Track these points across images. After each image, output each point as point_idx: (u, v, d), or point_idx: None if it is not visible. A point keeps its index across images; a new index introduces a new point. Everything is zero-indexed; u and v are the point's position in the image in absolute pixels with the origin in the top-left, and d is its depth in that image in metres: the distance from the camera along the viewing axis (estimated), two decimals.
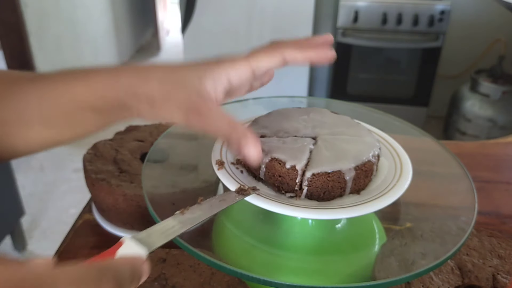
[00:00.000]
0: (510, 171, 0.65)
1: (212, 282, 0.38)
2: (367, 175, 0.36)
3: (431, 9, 1.94)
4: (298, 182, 0.35)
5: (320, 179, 0.34)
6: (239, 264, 0.39)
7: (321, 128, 0.40)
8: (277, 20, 1.97)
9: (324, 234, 0.41)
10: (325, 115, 0.43)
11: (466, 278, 0.39)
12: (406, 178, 0.37)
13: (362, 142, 0.38)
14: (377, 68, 2.19)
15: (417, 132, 0.47)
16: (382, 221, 0.45)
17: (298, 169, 0.34)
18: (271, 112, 0.43)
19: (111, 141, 0.55)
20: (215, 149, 0.40)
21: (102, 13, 2.69)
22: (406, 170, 0.38)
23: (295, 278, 0.38)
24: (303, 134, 0.39)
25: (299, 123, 0.41)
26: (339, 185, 0.35)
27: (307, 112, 0.43)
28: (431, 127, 2.32)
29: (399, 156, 0.41)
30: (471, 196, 0.37)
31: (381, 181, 0.38)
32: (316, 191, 0.35)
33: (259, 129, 0.40)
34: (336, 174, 0.34)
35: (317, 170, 0.34)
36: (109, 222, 0.50)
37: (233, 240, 0.43)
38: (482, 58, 2.17)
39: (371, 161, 0.36)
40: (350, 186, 0.35)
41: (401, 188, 0.36)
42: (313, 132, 0.40)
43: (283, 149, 0.36)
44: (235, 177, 0.36)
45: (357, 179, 0.35)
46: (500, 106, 1.93)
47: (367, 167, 0.36)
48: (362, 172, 0.35)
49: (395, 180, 0.37)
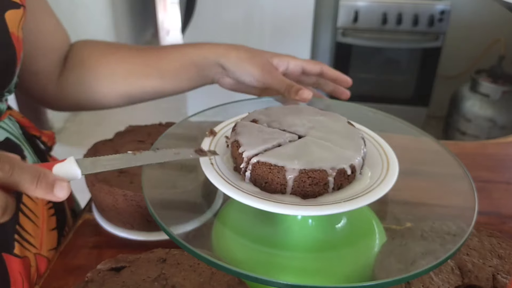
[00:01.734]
0: (510, 171, 0.65)
1: (212, 282, 0.38)
2: (317, 183, 0.35)
3: (431, 9, 1.94)
4: (243, 167, 0.37)
5: (262, 168, 0.35)
6: (239, 264, 0.39)
7: (317, 130, 0.40)
8: (277, 20, 1.97)
9: (324, 234, 0.41)
10: (336, 121, 0.42)
11: (466, 278, 0.39)
12: (355, 203, 0.34)
13: (335, 153, 0.37)
14: (377, 68, 2.19)
15: (417, 132, 0.47)
16: (382, 221, 0.45)
17: (244, 156, 0.36)
18: (290, 105, 0.46)
19: (110, 142, 0.55)
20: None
21: (102, 14, 2.69)
22: (367, 196, 0.35)
23: (295, 277, 0.38)
24: (293, 130, 0.40)
25: (300, 120, 0.41)
26: (279, 180, 0.35)
27: (321, 114, 0.43)
28: (431, 127, 2.32)
29: (388, 170, 0.38)
30: (471, 196, 0.37)
31: (338, 197, 0.35)
32: (258, 178, 0.36)
33: (259, 114, 0.43)
34: (277, 168, 0.35)
35: (263, 159, 0.35)
36: (109, 222, 0.50)
37: (232, 239, 0.43)
38: (482, 58, 2.17)
39: (326, 171, 0.35)
40: (291, 186, 0.35)
41: (337, 208, 0.33)
42: (304, 131, 0.40)
43: (250, 136, 0.39)
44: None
45: (301, 182, 0.35)
46: (500, 106, 1.93)
47: (316, 174, 0.34)
48: (307, 177, 0.34)
49: (343, 200, 0.34)
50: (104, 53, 0.59)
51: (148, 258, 0.40)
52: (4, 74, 0.46)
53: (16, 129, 0.51)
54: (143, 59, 0.58)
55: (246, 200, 0.34)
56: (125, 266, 0.40)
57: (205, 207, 0.49)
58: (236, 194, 0.34)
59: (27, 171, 0.27)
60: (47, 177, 0.28)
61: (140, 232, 0.49)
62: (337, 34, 2.05)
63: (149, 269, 0.39)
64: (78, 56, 0.60)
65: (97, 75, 0.58)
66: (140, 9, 3.39)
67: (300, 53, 2.00)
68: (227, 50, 0.56)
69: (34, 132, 0.56)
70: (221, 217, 0.46)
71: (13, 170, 0.27)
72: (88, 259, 0.47)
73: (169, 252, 0.41)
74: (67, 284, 0.44)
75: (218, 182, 0.36)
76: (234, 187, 0.35)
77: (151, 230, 0.49)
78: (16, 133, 0.50)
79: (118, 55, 0.59)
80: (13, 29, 0.45)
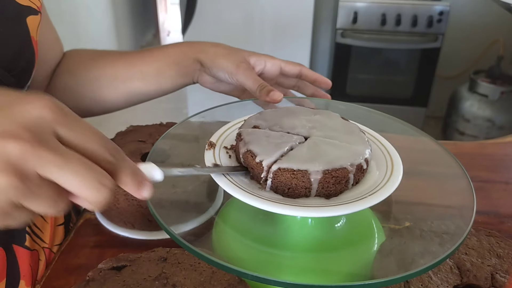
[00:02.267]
0: (509, 171, 0.65)
1: (213, 281, 0.38)
2: (339, 182, 0.35)
3: (430, 10, 1.95)
4: (263, 176, 0.36)
5: (284, 174, 0.35)
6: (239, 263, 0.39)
7: (318, 129, 0.40)
8: (277, 21, 1.97)
9: (323, 233, 0.42)
10: (332, 119, 0.43)
11: (465, 277, 0.40)
12: (381, 194, 0.35)
13: (347, 149, 0.37)
14: (376, 69, 2.19)
15: (416, 132, 0.47)
16: (381, 221, 0.45)
17: (264, 165, 0.36)
18: (282, 107, 0.45)
19: None
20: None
21: (103, 14, 2.69)
22: (388, 187, 0.36)
23: (295, 276, 0.39)
24: (296, 132, 0.40)
25: (299, 121, 0.41)
26: (303, 184, 0.35)
27: (315, 113, 0.43)
28: (430, 127, 2.33)
29: (392, 169, 0.39)
30: (470, 196, 0.38)
31: (358, 192, 0.36)
32: (280, 185, 0.35)
33: (257, 119, 0.42)
34: (301, 173, 0.35)
35: (284, 166, 0.35)
36: (110, 222, 0.50)
37: (233, 239, 0.43)
38: (481, 58, 2.18)
39: (346, 169, 0.35)
40: (316, 188, 0.35)
41: (365, 203, 0.34)
42: (307, 132, 0.40)
43: (261, 143, 0.38)
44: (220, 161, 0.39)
45: (325, 183, 0.35)
46: (499, 106, 1.94)
47: (338, 173, 0.35)
48: (331, 177, 0.35)
49: (368, 194, 0.35)
50: (91, 59, 0.59)
51: (149, 257, 0.41)
52: (24, 75, 0.47)
53: None
54: (127, 63, 0.58)
55: (286, 211, 0.32)
56: (126, 265, 0.40)
57: (206, 207, 0.49)
58: (273, 207, 0.33)
59: (129, 163, 0.27)
60: (141, 175, 0.28)
61: (141, 232, 0.49)
62: (336, 35, 2.05)
63: (150, 268, 0.39)
64: (67, 64, 0.60)
65: (83, 82, 0.58)
66: (141, 10, 3.39)
67: (299, 53, 2.01)
68: (206, 47, 0.56)
69: None
70: (222, 216, 0.46)
71: (119, 159, 0.26)
72: (89, 258, 0.47)
73: (169, 251, 0.41)
74: (68, 283, 0.44)
75: (248, 199, 0.34)
76: (269, 201, 0.33)
77: (152, 229, 0.49)
78: None
79: (104, 61, 0.59)
80: (33, 33, 0.46)
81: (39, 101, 0.24)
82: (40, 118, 0.24)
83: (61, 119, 0.24)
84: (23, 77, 0.47)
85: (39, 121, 0.23)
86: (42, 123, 0.24)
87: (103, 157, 0.25)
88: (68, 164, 0.23)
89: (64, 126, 0.24)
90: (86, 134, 0.25)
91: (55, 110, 0.24)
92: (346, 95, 2.20)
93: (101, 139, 0.26)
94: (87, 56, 0.60)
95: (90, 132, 0.25)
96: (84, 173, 0.23)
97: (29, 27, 0.46)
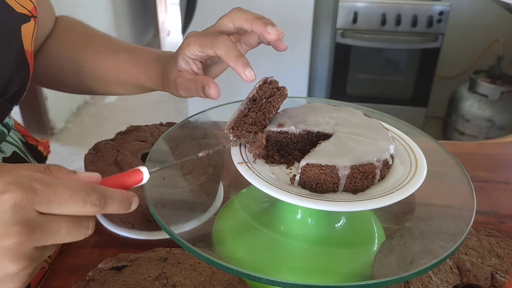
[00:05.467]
0: (509, 170, 0.65)
1: (213, 281, 0.38)
2: (366, 177, 0.36)
3: (430, 10, 1.95)
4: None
5: (313, 169, 0.35)
6: (239, 263, 0.39)
7: (343, 126, 0.41)
8: (276, 21, 1.96)
9: (324, 233, 0.42)
10: (355, 115, 0.43)
11: (465, 277, 0.40)
12: (408, 190, 0.36)
13: (373, 145, 0.38)
14: (376, 69, 2.19)
15: (416, 132, 0.47)
16: (381, 221, 0.45)
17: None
18: (304, 105, 0.46)
19: (112, 142, 0.55)
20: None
21: (103, 14, 2.69)
22: (414, 182, 0.37)
23: (295, 276, 0.39)
24: (322, 129, 0.40)
25: (323, 119, 0.42)
26: (332, 179, 0.35)
27: (338, 110, 0.44)
28: (430, 127, 2.33)
29: (417, 165, 0.39)
30: (470, 196, 0.38)
31: (385, 187, 0.37)
32: (308, 180, 0.36)
33: (282, 117, 0.42)
34: (329, 168, 0.35)
35: (312, 161, 0.35)
36: (110, 221, 0.50)
37: (233, 239, 0.43)
38: (481, 58, 2.18)
39: (373, 164, 0.36)
40: (343, 183, 0.35)
41: (393, 198, 0.34)
42: (332, 129, 0.40)
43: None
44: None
45: (353, 178, 0.35)
46: (499, 106, 1.94)
47: (366, 168, 0.36)
48: (359, 172, 0.35)
49: (395, 189, 0.36)
50: (86, 34, 0.61)
51: (149, 257, 0.41)
52: (19, 93, 0.46)
53: (19, 140, 0.52)
54: (125, 48, 0.61)
55: (316, 206, 0.33)
56: (126, 265, 0.40)
57: (206, 207, 0.49)
58: (303, 201, 0.33)
59: (113, 199, 0.29)
60: (127, 197, 0.30)
61: (141, 232, 0.49)
62: (336, 35, 2.05)
63: (150, 268, 0.39)
64: (61, 30, 0.61)
65: (79, 49, 0.58)
66: (141, 10, 3.39)
67: (299, 53, 2.01)
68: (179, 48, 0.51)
69: (31, 142, 0.56)
70: (221, 216, 0.46)
71: (103, 202, 0.29)
72: (89, 258, 0.47)
73: (169, 251, 0.41)
74: (69, 283, 0.44)
75: (279, 194, 0.34)
76: (298, 195, 0.34)
77: (152, 229, 0.49)
78: (20, 146, 0.51)
79: (102, 40, 0.61)
80: (27, 46, 0.46)
81: (6, 189, 0.26)
82: (15, 206, 0.26)
83: (35, 198, 0.26)
84: (16, 98, 0.46)
85: (18, 211, 0.26)
86: (21, 211, 0.26)
87: (87, 211, 0.28)
88: (59, 231, 0.27)
89: (40, 203, 0.26)
90: (64, 199, 0.27)
91: (26, 191, 0.26)
92: (346, 95, 2.20)
93: (81, 195, 0.28)
94: (82, 30, 0.63)
95: (68, 195, 0.27)
96: (73, 233, 0.28)
97: (24, 39, 0.45)
